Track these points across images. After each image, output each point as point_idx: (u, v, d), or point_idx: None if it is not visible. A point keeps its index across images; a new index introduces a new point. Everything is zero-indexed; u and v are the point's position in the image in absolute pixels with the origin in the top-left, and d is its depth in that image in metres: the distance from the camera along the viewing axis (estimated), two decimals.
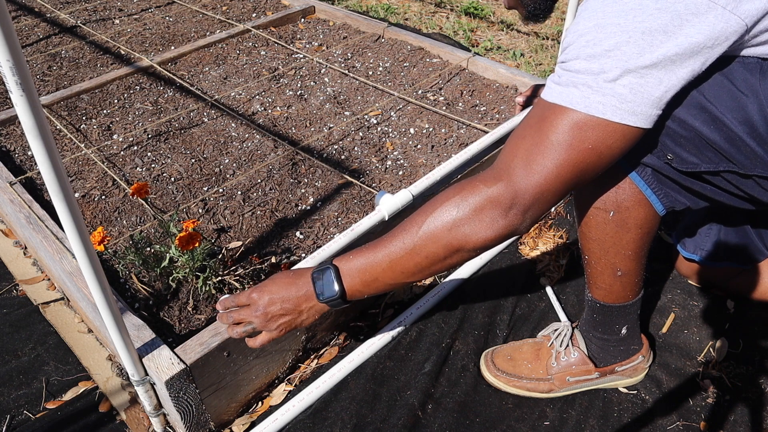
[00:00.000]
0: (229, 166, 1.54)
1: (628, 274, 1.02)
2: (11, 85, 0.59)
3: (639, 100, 0.74)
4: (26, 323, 1.32)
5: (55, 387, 1.20)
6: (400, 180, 1.48)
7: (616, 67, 0.73)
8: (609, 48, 0.74)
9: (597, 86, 0.75)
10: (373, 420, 1.13)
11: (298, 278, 0.93)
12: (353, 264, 0.91)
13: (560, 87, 0.79)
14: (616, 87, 0.74)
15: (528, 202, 0.81)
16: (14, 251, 1.51)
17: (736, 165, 0.81)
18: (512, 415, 1.14)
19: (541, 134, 0.79)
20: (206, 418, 1.09)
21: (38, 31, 2.30)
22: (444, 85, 1.85)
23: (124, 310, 1.09)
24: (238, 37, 2.18)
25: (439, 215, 0.84)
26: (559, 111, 0.78)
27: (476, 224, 0.82)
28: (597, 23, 0.75)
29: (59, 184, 0.68)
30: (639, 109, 0.75)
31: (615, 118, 0.75)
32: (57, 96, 1.80)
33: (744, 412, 1.13)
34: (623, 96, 0.74)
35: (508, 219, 0.81)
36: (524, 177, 0.80)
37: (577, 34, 0.78)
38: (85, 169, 1.53)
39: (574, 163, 0.79)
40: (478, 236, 0.83)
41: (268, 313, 0.92)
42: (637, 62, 0.73)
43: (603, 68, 0.74)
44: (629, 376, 1.16)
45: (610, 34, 0.74)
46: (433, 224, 0.85)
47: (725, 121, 0.78)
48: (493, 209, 0.81)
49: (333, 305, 0.92)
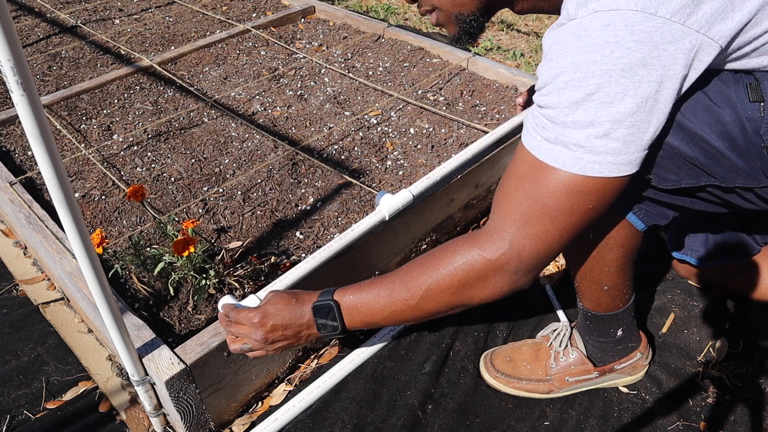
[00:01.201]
0: (229, 166, 1.54)
1: (615, 288, 1.03)
2: (12, 84, 0.59)
3: (632, 149, 0.72)
4: (26, 323, 1.32)
5: (55, 387, 1.20)
6: (400, 180, 1.48)
7: (604, 120, 0.70)
8: (590, 92, 0.70)
9: (589, 145, 0.72)
10: (373, 420, 1.13)
11: (300, 307, 0.93)
12: (355, 304, 0.91)
13: (548, 144, 0.75)
14: (609, 143, 0.71)
15: (531, 265, 0.80)
16: (14, 251, 1.51)
17: (717, 179, 0.80)
18: (512, 415, 1.14)
19: (537, 199, 0.77)
20: (206, 418, 1.09)
21: (38, 31, 2.30)
22: (444, 85, 1.85)
23: (124, 310, 1.09)
24: (238, 37, 2.18)
25: (442, 280, 0.84)
26: (552, 173, 0.75)
27: (480, 289, 0.83)
28: (572, 61, 0.71)
29: (59, 184, 0.68)
30: (632, 158, 0.73)
31: (612, 173, 0.73)
32: (57, 96, 1.80)
33: (744, 412, 1.13)
34: (617, 150, 0.72)
35: (512, 282, 0.82)
36: (525, 244, 0.79)
37: (552, 74, 0.73)
38: (85, 169, 1.53)
39: (575, 224, 0.78)
40: (482, 298, 0.84)
41: (268, 338, 0.93)
42: (623, 108, 0.69)
43: (591, 121, 0.71)
44: (629, 373, 1.16)
45: (588, 74, 0.70)
46: (436, 287, 0.85)
47: (704, 137, 0.77)
48: (497, 276, 0.81)
49: (332, 337, 0.96)
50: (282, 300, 0.94)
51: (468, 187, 1.47)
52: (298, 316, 0.92)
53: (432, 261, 0.86)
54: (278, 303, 0.93)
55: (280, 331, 0.92)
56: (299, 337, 0.94)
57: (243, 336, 0.94)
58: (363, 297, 0.91)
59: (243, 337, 0.94)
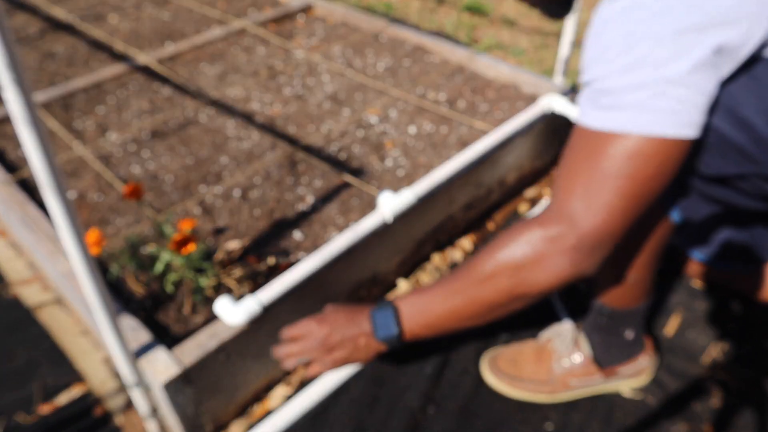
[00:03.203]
0: (227, 165, 1.52)
1: (640, 282, 1.01)
2: (5, 82, 0.58)
3: (689, 109, 0.70)
4: (20, 326, 1.30)
5: (50, 390, 1.18)
6: (400, 180, 1.47)
7: (658, 80, 0.69)
8: (642, 56, 0.69)
9: (642, 104, 0.70)
10: (372, 423, 1.11)
11: (357, 314, 0.92)
12: (413, 306, 0.89)
13: (602, 112, 0.73)
14: (665, 101, 0.70)
15: (593, 243, 0.75)
16: (8, 252, 1.49)
17: (762, 167, 0.78)
18: (514, 418, 1.12)
19: (596, 168, 0.74)
20: (203, 422, 1.07)
21: (32, 28, 2.28)
22: (444, 84, 1.83)
23: (119, 311, 1.07)
24: (235, 35, 2.16)
25: (499, 262, 0.80)
26: (609, 139, 0.73)
27: (540, 272, 0.78)
28: (622, 32, 0.71)
29: (53, 184, 0.67)
30: (691, 119, 0.71)
31: (670, 132, 0.70)
32: (51, 94, 1.78)
33: (750, 415, 1.12)
34: (674, 109, 0.70)
35: (573, 263, 0.76)
36: (586, 217, 0.74)
37: (602, 47, 0.73)
38: (79, 168, 1.51)
39: (638, 191, 0.73)
40: (542, 283, 0.79)
41: (327, 344, 0.91)
42: (676, 69, 0.69)
43: (644, 82, 0.70)
44: (633, 377, 1.15)
45: (639, 40, 0.70)
46: (492, 271, 0.81)
47: (752, 123, 0.75)
48: (556, 255, 0.76)
49: (390, 344, 0.91)
50: (338, 309, 0.93)
51: (469, 187, 1.45)
52: (357, 321, 0.91)
53: (491, 246, 0.82)
54: (335, 311, 0.93)
55: (339, 336, 0.91)
56: (357, 347, 0.91)
57: (300, 351, 0.92)
58: (422, 296, 0.88)
59: (301, 348, 0.92)
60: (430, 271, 1.44)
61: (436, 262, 1.46)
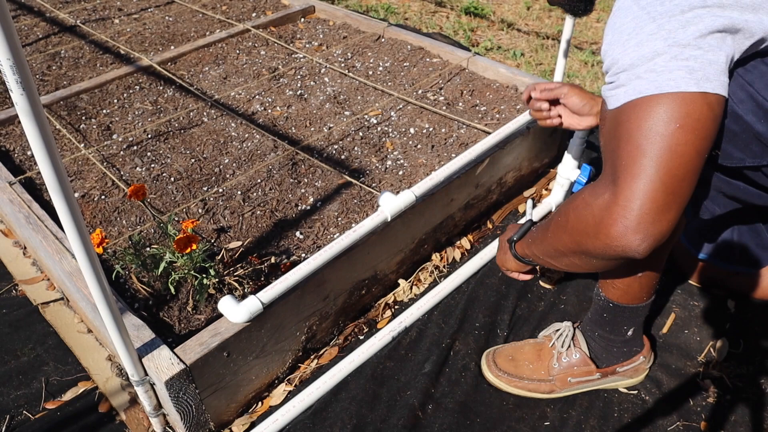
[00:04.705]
0: (229, 166, 1.54)
1: (647, 277, 1.02)
2: (11, 84, 0.59)
3: (705, 67, 0.71)
4: (26, 323, 1.32)
5: (55, 387, 1.19)
6: (400, 180, 1.48)
7: (670, 46, 0.72)
8: (653, 31, 0.73)
9: (660, 67, 0.72)
10: (373, 420, 1.12)
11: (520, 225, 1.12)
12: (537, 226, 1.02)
13: (624, 88, 0.75)
14: (681, 62, 0.71)
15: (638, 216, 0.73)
16: (14, 251, 1.51)
17: None
18: (513, 415, 1.13)
19: (629, 138, 0.74)
20: (206, 419, 1.09)
21: (38, 31, 2.30)
22: (444, 85, 1.84)
23: (123, 310, 1.09)
24: (237, 37, 2.17)
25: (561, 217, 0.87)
26: (635, 107, 0.74)
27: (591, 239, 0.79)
28: (634, 15, 0.75)
29: (59, 183, 0.68)
30: (709, 75, 0.71)
31: (692, 87, 0.71)
32: (56, 96, 1.80)
33: (745, 412, 1.13)
34: (691, 67, 0.71)
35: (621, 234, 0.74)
36: (624, 187, 0.73)
37: (616, 31, 0.77)
38: (84, 169, 1.53)
39: (671, 158, 0.72)
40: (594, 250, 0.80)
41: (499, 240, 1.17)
42: (686, 34, 0.71)
43: (655, 51, 0.72)
44: (630, 376, 1.16)
45: (650, 18, 0.73)
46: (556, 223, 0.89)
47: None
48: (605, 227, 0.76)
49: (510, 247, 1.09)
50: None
51: (468, 186, 1.47)
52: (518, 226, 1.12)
53: (569, 199, 0.88)
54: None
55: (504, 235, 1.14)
56: (504, 242, 1.14)
57: None
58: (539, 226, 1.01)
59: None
60: (430, 270, 1.46)
61: (436, 262, 1.48)
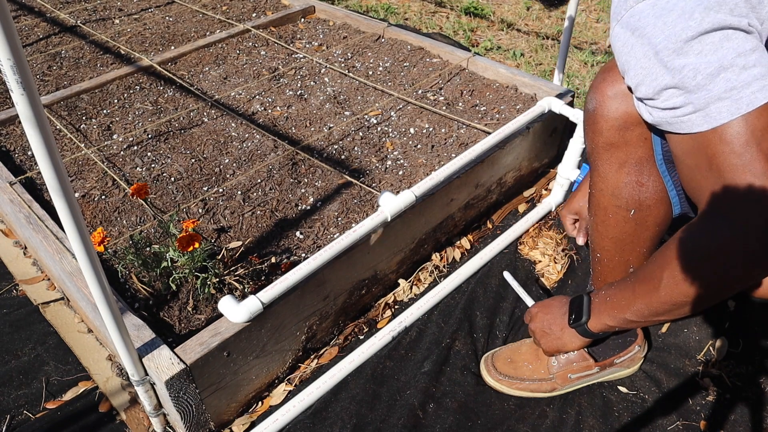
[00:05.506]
0: (229, 166, 1.54)
1: None
2: (12, 83, 0.59)
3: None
4: (26, 323, 1.32)
5: (55, 387, 1.20)
6: (400, 180, 1.48)
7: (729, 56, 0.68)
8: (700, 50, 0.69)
9: (737, 82, 0.68)
10: (373, 420, 1.13)
11: (561, 304, 1.06)
12: (604, 295, 0.94)
13: (700, 113, 0.70)
14: (750, 71, 0.68)
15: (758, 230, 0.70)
16: (14, 251, 1.51)
17: None
18: (513, 415, 1.14)
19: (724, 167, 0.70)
20: (206, 418, 1.09)
21: (38, 31, 2.30)
22: (444, 85, 1.85)
23: (123, 310, 1.09)
24: (238, 37, 2.18)
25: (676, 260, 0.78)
26: (723, 132, 0.69)
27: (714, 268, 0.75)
28: (665, 35, 0.70)
29: (59, 183, 0.68)
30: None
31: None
32: (57, 96, 1.80)
33: (744, 411, 1.13)
34: (762, 74, 0.68)
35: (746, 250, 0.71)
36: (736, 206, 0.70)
37: (650, 55, 0.72)
38: (85, 169, 1.53)
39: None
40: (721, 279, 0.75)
41: (534, 330, 1.10)
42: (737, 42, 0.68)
43: (720, 66, 0.68)
44: (627, 366, 1.17)
45: (688, 36, 0.69)
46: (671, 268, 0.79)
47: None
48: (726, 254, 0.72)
49: (579, 331, 1.01)
50: (553, 299, 1.10)
51: (468, 186, 1.47)
52: (554, 312, 1.06)
53: (668, 243, 0.81)
54: (549, 300, 1.10)
55: (540, 323, 1.08)
56: (552, 332, 1.06)
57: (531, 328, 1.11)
58: (611, 288, 0.93)
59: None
60: (430, 270, 1.46)
61: (436, 262, 1.48)
